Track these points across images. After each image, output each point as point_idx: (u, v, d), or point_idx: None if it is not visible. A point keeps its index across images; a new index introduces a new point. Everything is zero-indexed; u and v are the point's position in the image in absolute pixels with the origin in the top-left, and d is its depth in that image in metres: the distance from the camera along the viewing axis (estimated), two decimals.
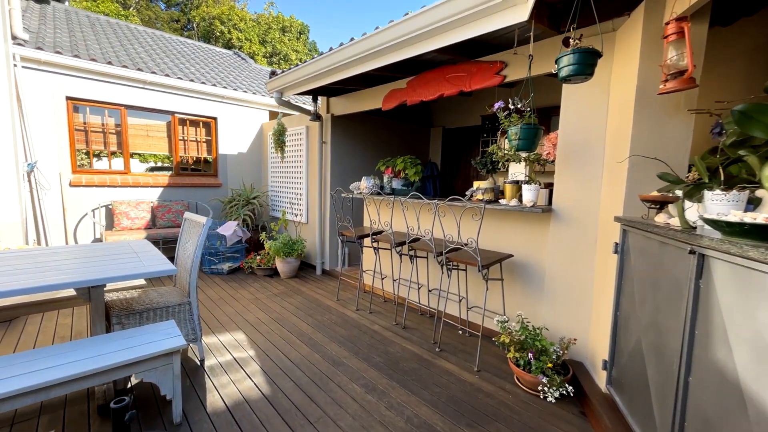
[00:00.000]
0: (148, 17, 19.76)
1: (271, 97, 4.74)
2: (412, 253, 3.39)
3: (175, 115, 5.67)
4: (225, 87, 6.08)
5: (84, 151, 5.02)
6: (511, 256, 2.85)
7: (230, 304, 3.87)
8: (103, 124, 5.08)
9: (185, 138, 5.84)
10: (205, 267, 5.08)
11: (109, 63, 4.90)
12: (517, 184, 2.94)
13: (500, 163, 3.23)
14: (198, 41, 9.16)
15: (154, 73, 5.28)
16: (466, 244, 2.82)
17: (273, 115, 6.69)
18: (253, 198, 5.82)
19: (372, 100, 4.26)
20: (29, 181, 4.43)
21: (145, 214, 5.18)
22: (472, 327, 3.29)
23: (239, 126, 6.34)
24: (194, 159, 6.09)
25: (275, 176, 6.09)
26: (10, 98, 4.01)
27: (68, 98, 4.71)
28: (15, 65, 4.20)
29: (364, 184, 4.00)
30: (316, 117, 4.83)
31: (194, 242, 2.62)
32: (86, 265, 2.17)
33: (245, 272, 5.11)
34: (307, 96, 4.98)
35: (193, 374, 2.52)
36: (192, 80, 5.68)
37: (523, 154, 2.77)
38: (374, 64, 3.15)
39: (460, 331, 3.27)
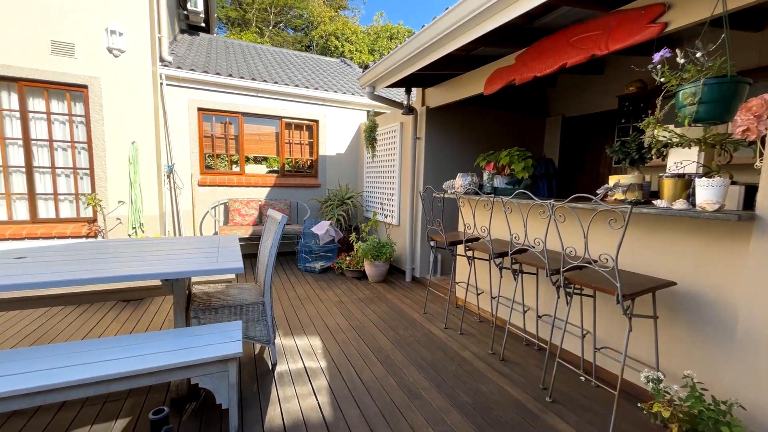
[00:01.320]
0: (278, 42, 22.73)
1: (365, 94, 4.60)
2: (515, 267, 2.69)
3: (283, 119, 6.04)
4: (326, 90, 6.24)
5: (209, 154, 5.72)
6: (673, 284, 1.93)
7: (314, 305, 3.77)
8: (224, 132, 5.71)
9: (290, 141, 6.18)
10: (300, 264, 5.21)
11: (230, 75, 5.47)
12: (683, 179, 2.01)
13: (653, 150, 2.30)
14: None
15: (265, 81, 5.71)
16: (595, 261, 2.03)
17: None
18: (348, 198, 5.79)
19: (472, 85, 3.67)
20: (168, 181, 5.21)
21: (253, 212, 5.61)
22: (601, 375, 2.42)
23: (339, 127, 6.44)
24: (297, 161, 6.42)
25: (369, 176, 5.97)
26: (156, 111, 4.75)
27: (199, 109, 5.41)
28: (161, 83, 4.99)
29: (459, 182, 3.43)
30: (409, 110, 4.47)
31: (270, 240, 2.50)
32: (168, 258, 2.20)
33: (335, 272, 5.06)
34: (400, 88, 4.66)
35: (262, 379, 2.38)
36: (297, 85, 5.98)
37: (700, 131, 1.84)
38: (475, 33, 2.58)
39: (583, 378, 2.43)
